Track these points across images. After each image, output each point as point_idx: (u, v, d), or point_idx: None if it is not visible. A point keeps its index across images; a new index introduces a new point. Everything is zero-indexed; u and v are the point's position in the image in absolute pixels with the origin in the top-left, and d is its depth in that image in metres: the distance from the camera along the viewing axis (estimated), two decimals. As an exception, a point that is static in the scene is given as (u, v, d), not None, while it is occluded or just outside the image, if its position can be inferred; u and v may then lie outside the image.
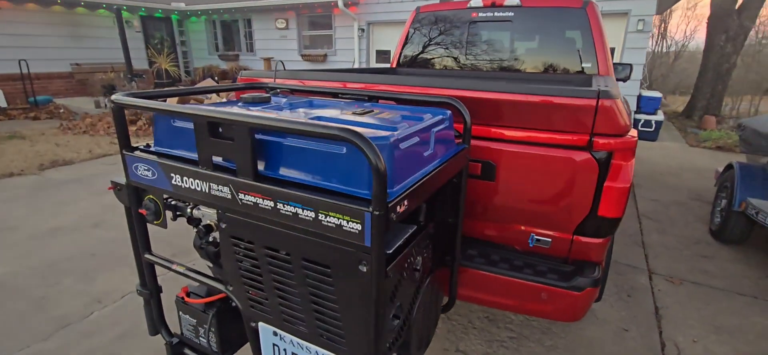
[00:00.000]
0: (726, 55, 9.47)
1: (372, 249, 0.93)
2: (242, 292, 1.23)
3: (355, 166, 1.00)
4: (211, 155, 1.14)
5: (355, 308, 1.02)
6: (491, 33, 3.74)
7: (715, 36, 9.58)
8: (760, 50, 15.34)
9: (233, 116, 1.03)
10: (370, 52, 11.07)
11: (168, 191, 1.27)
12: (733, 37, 9.34)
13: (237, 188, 1.10)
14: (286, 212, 1.03)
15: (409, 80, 1.81)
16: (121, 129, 1.31)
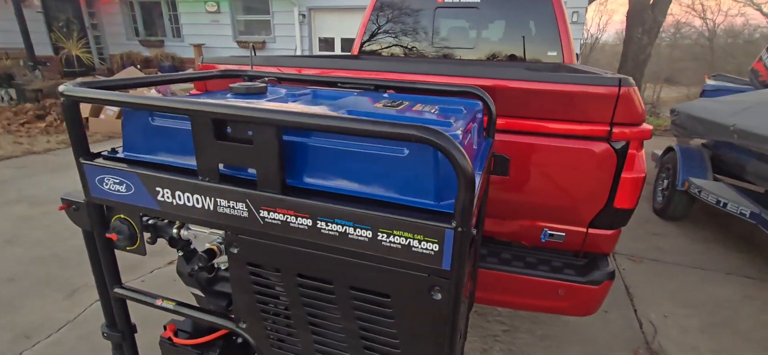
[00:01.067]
0: (643, 47, 10.41)
1: (451, 273, 0.76)
2: (261, 329, 1.00)
3: (416, 171, 0.81)
4: (218, 163, 0.89)
5: (422, 343, 0.84)
6: (457, 20, 3.66)
7: (634, 28, 10.48)
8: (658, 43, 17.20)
9: (255, 112, 0.79)
10: (313, 39, 10.62)
11: (150, 209, 0.99)
12: (649, 29, 10.28)
13: (257, 203, 0.86)
14: (330, 231, 0.82)
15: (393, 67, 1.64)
16: (76, 130, 1.00)
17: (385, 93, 1.40)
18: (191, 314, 1.09)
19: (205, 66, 2.00)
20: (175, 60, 11.67)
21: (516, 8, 3.44)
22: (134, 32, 12.62)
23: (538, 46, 3.39)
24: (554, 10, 3.32)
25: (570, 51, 3.30)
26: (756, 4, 17.18)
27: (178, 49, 11.88)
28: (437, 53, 3.61)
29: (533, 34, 3.40)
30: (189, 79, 1.42)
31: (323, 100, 1.24)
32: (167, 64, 11.34)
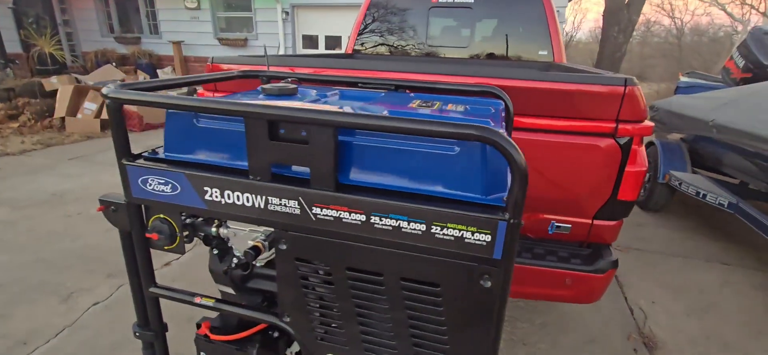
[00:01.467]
0: (618, 45, 10.79)
1: (502, 262, 0.82)
2: (306, 322, 1.03)
3: (466, 168, 0.86)
4: (270, 162, 0.92)
5: (470, 328, 0.90)
6: (452, 20, 3.73)
7: (610, 28, 10.85)
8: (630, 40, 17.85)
9: (314, 114, 0.83)
10: (296, 36, 10.53)
11: (196, 208, 1.01)
12: (624, 28, 10.67)
13: (310, 200, 0.90)
14: (384, 226, 0.86)
15: (405, 67, 1.70)
16: (120, 132, 1.01)
17: (411, 93, 1.45)
18: (232, 310, 1.12)
19: (214, 66, 2.00)
20: (152, 57, 11.36)
21: (508, 9, 3.54)
22: (109, 29, 12.21)
23: (529, 45, 3.50)
24: (544, 10, 3.43)
25: (560, 50, 3.43)
26: (720, 4, 18.00)
27: (155, 46, 11.57)
28: (434, 51, 3.68)
29: (525, 33, 3.51)
30: (222, 79, 1.44)
31: (355, 101, 1.28)
32: (145, 62, 11.03)
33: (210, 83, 1.44)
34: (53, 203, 3.94)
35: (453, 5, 3.63)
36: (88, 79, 7.85)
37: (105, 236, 3.31)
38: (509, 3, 3.53)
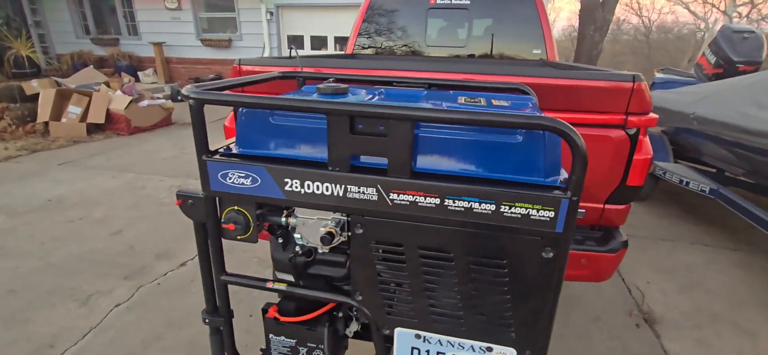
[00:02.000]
0: (594, 43, 11.21)
1: (563, 234, 0.95)
2: (377, 299, 1.13)
3: (528, 154, 0.99)
4: (350, 154, 1.02)
5: (531, 297, 1.02)
6: (449, 20, 3.87)
7: (586, 26, 11.25)
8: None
9: (397, 110, 0.94)
10: (281, 37, 10.51)
11: (275, 199, 1.10)
12: (600, 27, 11.09)
13: (388, 187, 1.01)
14: (456, 207, 0.98)
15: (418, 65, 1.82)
16: (200, 130, 1.09)
17: (450, 91, 1.57)
18: (305, 293, 1.21)
19: (238, 69, 2.06)
20: (132, 59, 11.13)
21: (503, 9, 3.70)
22: (84, 30, 11.88)
23: (524, 44, 3.67)
24: (538, 10, 3.62)
25: (552, 48, 3.61)
26: (684, 2, 18.81)
27: (135, 47, 11.33)
28: (434, 51, 3.81)
29: (519, 33, 3.68)
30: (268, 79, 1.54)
31: (404, 99, 1.39)
32: (124, 64, 10.78)
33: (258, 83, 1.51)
34: (51, 209, 3.88)
35: (450, 6, 3.78)
36: (69, 82, 7.65)
37: (113, 240, 3.31)
38: (504, 4, 3.70)
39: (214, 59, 10.97)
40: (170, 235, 3.39)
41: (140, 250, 3.15)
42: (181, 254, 3.11)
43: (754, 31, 5.48)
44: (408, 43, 3.89)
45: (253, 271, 2.89)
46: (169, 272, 2.87)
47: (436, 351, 1.14)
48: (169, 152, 5.82)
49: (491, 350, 1.10)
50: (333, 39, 10.33)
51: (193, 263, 2.99)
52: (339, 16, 9.98)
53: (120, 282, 2.74)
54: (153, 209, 3.91)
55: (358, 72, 1.79)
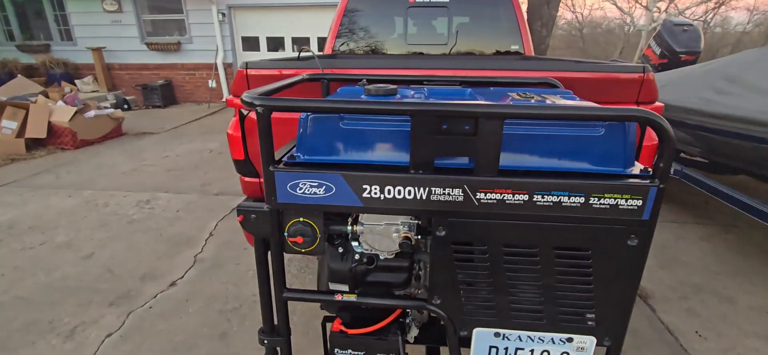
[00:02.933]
0: (542, 38, 11.80)
1: (649, 221, 0.98)
2: (456, 301, 1.11)
3: (611, 145, 1.01)
4: (435, 155, 0.99)
5: (614, 284, 1.05)
6: (429, 18, 3.90)
7: (534, 23, 11.83)
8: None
9: (482, 108, 0.93)
10: (235, 39, 10.08)
11: (351, 207, 1.04)
12: (546, 23, 11.69)
13: (475, 187, 0.99)
14: (545, 202, 0.99)
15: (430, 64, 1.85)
16: (267, 139, 1.01)
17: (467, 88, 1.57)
18: (377, 302, 1.16)
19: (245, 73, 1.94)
20: (67, 66, 10.17)
21: (481, 6, 3.79)
22: (7, 36, 10.71)
23: (502, 41, 3.78)
24: (514, 8, 3.74)
25: (529, 44, 3.76)
26: None
27: (70, 53, 10.36)
28: (416, 50, 3.81)
29: (498, 29, 3.79)
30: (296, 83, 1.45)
31: (452, 97, 1.37)
32: (59, 72, 9.84)
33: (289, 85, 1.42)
34: (1, 237, 3.46)
35: (430, 4, 3.81)
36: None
37: (85, 264, 3.01)
38: (482, 3, 3.79)
39: (161, 64, 10.31)
40: (151, 254, 3.14)
41: (120, 273, 2.89)
42: (168, 273, 2.89)
43: (692, 24, 6.04)
44: (388, 42, 3.88)
45: (247, 282, 2.75)
46: (160, 294, 2.66)
47: (514, 348, 1.15)
48: (128, 166, 5.40)
49: (571, 340, 1.12)
50: (290, 40, 10.06)
51: (183, 281, 2.79)
52: (296, 16, 9.75)
53: (105, 310, 2.50)
54: (124, 227, 3.60)
55: (385, 72, 1.76)
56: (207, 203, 4.13)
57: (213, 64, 10.04)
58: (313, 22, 9.77)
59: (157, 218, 3.76)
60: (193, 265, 2.98)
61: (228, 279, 2.81)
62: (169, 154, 5.89)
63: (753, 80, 3.08)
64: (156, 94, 9.85)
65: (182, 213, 3.88)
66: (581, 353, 1.13)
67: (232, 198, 4.24)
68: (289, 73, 1.90)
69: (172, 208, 4.00)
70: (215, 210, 3.94)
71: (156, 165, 5.39)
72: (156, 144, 6.53)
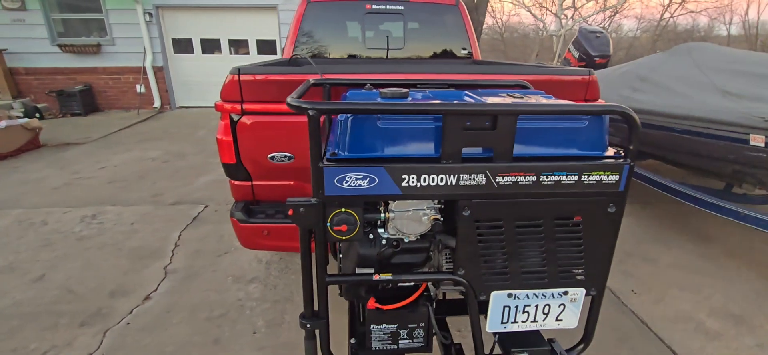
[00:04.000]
0: (473, 41, 12.66)
1: (624, 192, 1.26)
2: (477, 271, 1.31)
3: (591, 134, 1.28)
4: (462, 147, 1.18)
5: (598, 244, 1.32)
6: (385, 24, 4.10)
7: (464, 26, 12.64)
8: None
9: (502, 107, 1.15)
10: (165, 41, 9.50)
11: (393, 195, 1.20)
12: (475, 28, 12.53)
13: (495, 172, 1.20)
14: (549, 181, 1.22)
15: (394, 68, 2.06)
16: (317, 139, 1.14)
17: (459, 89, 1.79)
18: (413, 277, 1.33)
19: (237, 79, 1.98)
20: (-41, 72, 8.87)
21: (432, 14, 4.08)
22: None
23: (453, 45, 4.11)
24: (462, 16, 4.09)
25: (476, 47, 4.13)
26: (526, 6, 22.10)
27: (-38, 57, 9.04)
28: (375, 54, 3.99)
29: (448, 35, 4.10)
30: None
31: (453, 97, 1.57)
32: (-51, 78, 8.55)
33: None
34: None
35: (386, 11, 4.01)
36: None
37: (38, 287, 2.78)
38: (433, 10, 4.08)
39: (79, 68, 9.39)
40: (113, 270, 2.98)
41: (83, 292, 2.72)
42: (139, 288, 2.77)
43: (603, 31, 6.92)
44: (347, 47, 4.02)
45: (229, 288, 2.74)
46: (136, 309, 2.56)
47: (523, 305, 1.38)
48: (59, 179, 4.93)
49: (567, 293, 1.38)
50: (227, 42, 9.72)
51: (159, 294, 2.70)
52: (233, 17, 9.45)
53: (77, 330, 2.36)
54: (73, 245, 3.35)
55: (376, 76, 1.92)
56: (164, 213, 3.95)
57: (141, 67, 9.37)
58: (251, 24, 9.54)
59: (111, 233, 3.54)
60: (165, 277, 2.89)
61: (208, 287, 2.77)
62: (106, 165, 5.47)
63: (659, 79, 3.70)
64: (75, 100, 8.96)
65: (138, 225, 3.68)
66: (574, 303, 1.39)
67: (190, 207, 4.10)
68: (281, 78, 1.99)
69: (125, 221, 3.78)
70: (175, 220, 3.80)
71: (93, 177, 4.99)
72: (86, 155, 6.01)
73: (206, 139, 6.97)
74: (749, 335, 2.41)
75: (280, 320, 2.45)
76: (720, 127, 2.93)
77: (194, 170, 5.27)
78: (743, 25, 19.18)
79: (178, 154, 6.01)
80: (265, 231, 2.13)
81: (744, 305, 2.68)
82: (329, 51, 3.98)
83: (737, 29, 19.49)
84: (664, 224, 3.89)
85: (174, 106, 9.88)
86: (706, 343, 2.35)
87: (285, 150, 2.07)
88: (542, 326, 1.41)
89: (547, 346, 1.47)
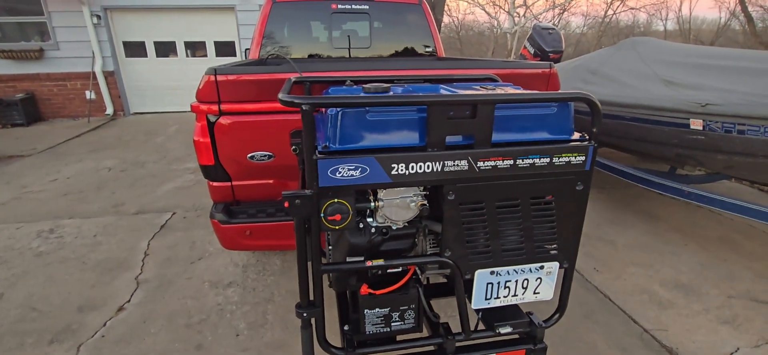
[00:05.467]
0: (432, 40, 12.94)
1: (589, 171, 1.39)
2: (462, 251, 1.39)
3: (559, 119, 1.40)
4: (446, 135, 1.27)
5: (568, 220, 1.44)
6: (352, 24, 4.15)
7: (424, 26, 12.89)
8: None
9: (483, 97, 1.24)
10: (116, 44, 9.04)
11: (381, 184, 1.26)
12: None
13: (476, 157, 1.29)
14: (524, 164, 1.33)
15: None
16: (311, 133, 1.19)
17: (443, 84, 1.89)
18: (404, 262, 1.40)
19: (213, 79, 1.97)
20: None
21: (397, 13, 4.18)
22: None
23: (417, 42, 4.22)
24: (425, 15, 4.21)
25: (439, 45, 4.27)
26: (480, 4, 22.74)
27: None
28: (338, 54, 4.03)
29: (413, 34, 4.22)
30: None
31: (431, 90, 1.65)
32: None
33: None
34: None
35: (351, 11, 4.06)
36: None
37: (-4, 306, 2.62)
38: (398, 10, 4.17)
39: (18, 75, 8.75)
40: (79, 284, 2.85)
41: (49, 309, 2.59)
42: (110, 300, 2.67)
43: (555, 28, 7.30)
44: (314, 46, 4.04)
45: (206, 294, 2.70)
46: (109, 321, 2.47)
47: (504, 281, 1.48)
48: (5, 194, 4.61)
49: (543, 267, 1.50)
50: (183, 45, 9.39)
51: (132, 305, 2.62)
52: (189, 19, 9.14)
53: (46, 348, 2.25)
54: (31, 262, 3.16)
55: (355, 73, 1.98)
56: (128, 223, 3.80)
57: (90, 72, 8.86)
58: (207, 26, 9.27)
59: (72, 247, 3.37)
60: (137, 287, 2.80)
61: (184, 294, 2.72)
62: (58, 178, 5.16)
63: (608, 72, 3.99)
64: (15, 110, 8.34)
65: (101, 238, 3.52)
66: (549, 276, 1.51)
67: (156, 215, 3.97)
68: (260, 77, 2.00)
69: (87, 234, 3.60)
70: (141, 229, 3.66)
71: (45, 190, 4.70)
72: (33, 167, 5.63)
73: (165, 145, 6.72)
74: (697, 302, 2.67)
75: (263, 320, 2.45)
76: (663, 113, 3.22)
77: (156, 178, 5.09)
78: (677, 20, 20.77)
79: (136, 163, 5.77)
80: (247, 231, 2.13)
81: (691, 275, 2.97)
82: (296, 51, 3.98)
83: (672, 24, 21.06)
84: (618, 206, 4.20)
85: (128, 113, 9.42)
86: (660, 311, 2.58)
87: (265, 149, 2.08)
88: (522, 299, 1.53)
89: (526, 318, 1.59)
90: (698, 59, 3.30)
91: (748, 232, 3.58)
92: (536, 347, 1.57)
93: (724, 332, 2.38)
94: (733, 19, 17.49)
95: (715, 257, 3.19)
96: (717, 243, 3.40)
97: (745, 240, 3.45)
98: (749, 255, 3.21)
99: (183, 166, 5.52)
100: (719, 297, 2.70)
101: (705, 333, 2.37)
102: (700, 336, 2.35)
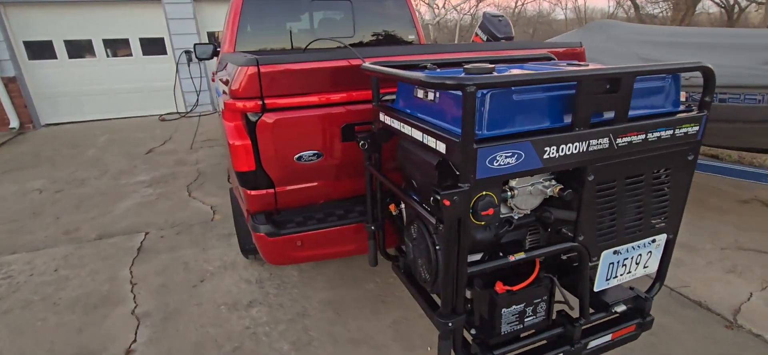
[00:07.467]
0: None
1: (700, 141, 1.41)
2: (593, 234, 1.34)
3: (670, 91, 1.40)
4: (592, 113, 1.20)
5: (678, 191, 1.45)
6: (333, 12, 3.91)
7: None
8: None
9: (627, 70, 1.19)
10: (15, 44, 7.66)
11: (535, 169, 1.16)
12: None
13: (616, 134, 1.24)
14: (653, 137, 1.31)
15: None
16: (471, 117, 1.04)
17: None
18: (544, 252, 1.31)
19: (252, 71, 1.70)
20: None
21: (380, 2, 4.02)
22: None
23: (400, 31, 4.10)
24: (407, 3, 4.11)
25: (420, 33, 4.19)
26: None
27: None
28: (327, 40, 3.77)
29: (395, 22, 4.09)
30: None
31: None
32: None
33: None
34: None
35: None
36: None
37: None
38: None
39: None
40: (61, 330, 2.34)
41: None
42: (110, 343, 2.23)
43: (503, 15, 7.60)
44: (296, 36, 3.73)
45: (227, 318, 2.38)
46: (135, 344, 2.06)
47: (623, 259, 1.46)
48: None
49: (654, 241, 1.50)
50: (101, 43, 8.25)
51: (142, 344, 2.21)
52: (107, 14, 8.04)
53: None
54: (-22, 313, 2.54)
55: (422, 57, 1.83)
56: (92, 251, 3.23)
57: (-17, 80, 7.43)
58: (131, 20, 8.24)
59: (31, 287, 2.77)
60: (139, 324, 2.37)
61: (200, 323, 2.36)
62: (-27, 208, 4.24)
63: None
64: None
65: (66, 271, 2.95)
66: (658, 248, 1.52)
67: (126, 238, 3.42)
68: (311, 67, 1.76)
69: (44, 269, 2.99)
70: (113, 256, 3.13)
71: (9, 222, 3.84)
72: (-69, 199, 4.58)
73: (101, 158, 5.87)
74: (700, 257, 2.93)
75: (307, 338, 2.21)
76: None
77: (106, 196, 4.41)
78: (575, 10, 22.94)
79: (72, 181, 4.95)
80: (298, 242, 1.89)
81: (686, 235, 3.25)
82: (274, 42, 3.65)
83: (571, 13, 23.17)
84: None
85: (39, 125, 8.08)
86: (675, 270, 2.78)
87: (313, 148, 1.85)
88: (634, 275, 1.52)
89: (633, 293, 1.60)
90: (670, 38, 3.61)
91: (713, 191, 4.02)
92: (646, 320, 1.58)
93: (733, 282, 2.63)
94: (619, 8, 19.67)
95: (695, 215, 3.53)
96: (690, 204, 3.77)
97: (709, 197, 3.86)
98: (717, 210, 3.61)
99: (135, 180, 4.85)
100: (714, 251, 2.99)
101: (721, 285, 2.60)
102: (718, 287, 2.57)
